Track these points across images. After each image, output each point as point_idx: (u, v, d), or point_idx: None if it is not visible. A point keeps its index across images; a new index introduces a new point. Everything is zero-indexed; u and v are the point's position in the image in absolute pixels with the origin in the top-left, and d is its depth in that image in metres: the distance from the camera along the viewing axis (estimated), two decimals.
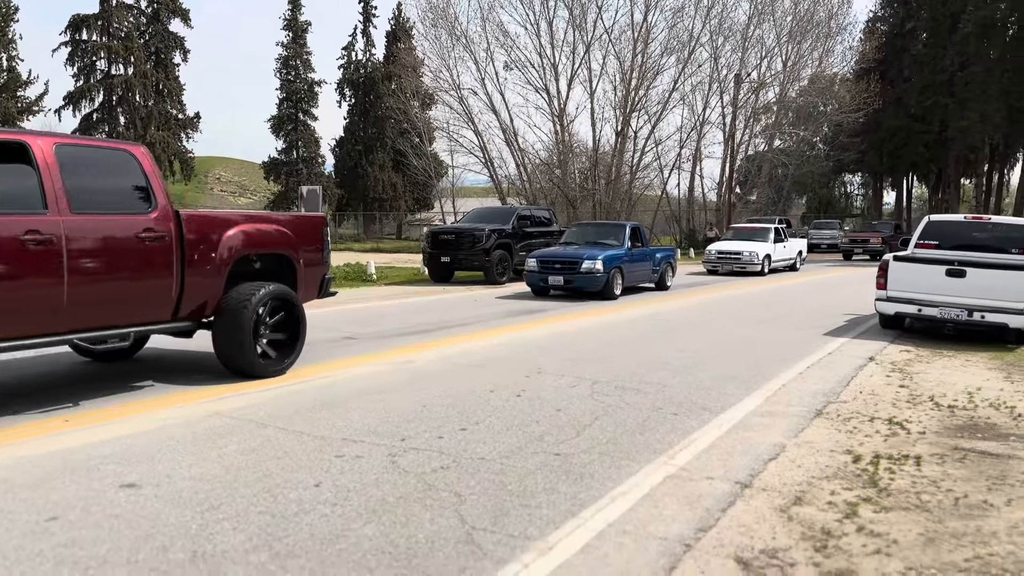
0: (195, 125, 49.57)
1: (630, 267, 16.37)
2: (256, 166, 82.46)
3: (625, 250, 16.35)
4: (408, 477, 4.70)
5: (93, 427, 5.71)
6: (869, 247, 34.14)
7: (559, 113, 39.62)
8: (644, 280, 17.45)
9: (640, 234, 17.52)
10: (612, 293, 15.50)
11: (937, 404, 6.88)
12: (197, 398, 6.70)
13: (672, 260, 18.51)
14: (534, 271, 15.93)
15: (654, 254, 17.90)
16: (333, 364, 8.35)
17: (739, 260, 22.97)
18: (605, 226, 18.44)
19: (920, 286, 10.45)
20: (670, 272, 18.37)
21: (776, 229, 24.81)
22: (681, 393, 7.07)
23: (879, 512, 4.30)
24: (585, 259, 15.28)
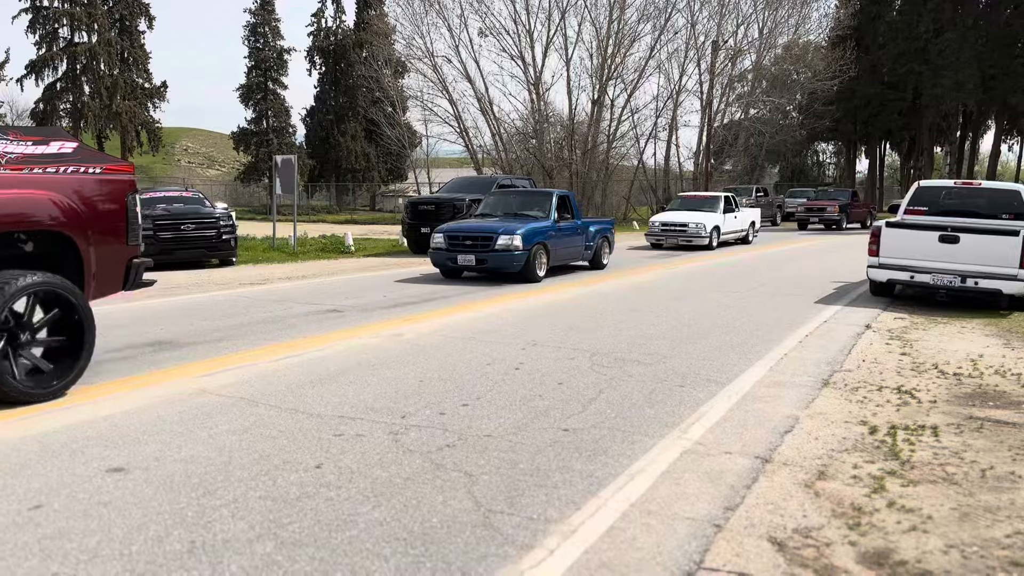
0: (162, 95, 48.31)
1: (557, 243, 13.83)
2: (225, 137, 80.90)
3: (551, 223, 13.76)
4: (413, 456, 4.46)
5: (72, 407, 5.39)
6: (826, 216, 32.34)
7: (535, 81, 39.07)
8: (575, 258, 14.94)
9: (570, 204, 14.92)
10: (534, 274, 13.04)
11: (942, 372, 6.77)
12: (180, 375, 6.39)
13: (609, 234, 16.14)
14: (440, 248, 13.30)
15: (587, 228, 15.23)
16: (321, 338, 8.05)
17: (684, 233, 20.89)
18: (528, 195, 15.68)
19: (913, 252, 10.35)
20: (607, 248, 15.99)
21: (726, 198, 22.76)
22: (683, 364, 6.88)
23: (907, 486, 4.14)
24: (500, 234, 12.70)
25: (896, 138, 51.38)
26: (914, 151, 51.43)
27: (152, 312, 9.90)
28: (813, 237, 27.76)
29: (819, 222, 32.14)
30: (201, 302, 10.91)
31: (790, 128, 46.58)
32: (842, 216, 31.61)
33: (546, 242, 13.41)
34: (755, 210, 25.82)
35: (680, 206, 23.00)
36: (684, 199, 23.80)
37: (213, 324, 8.89)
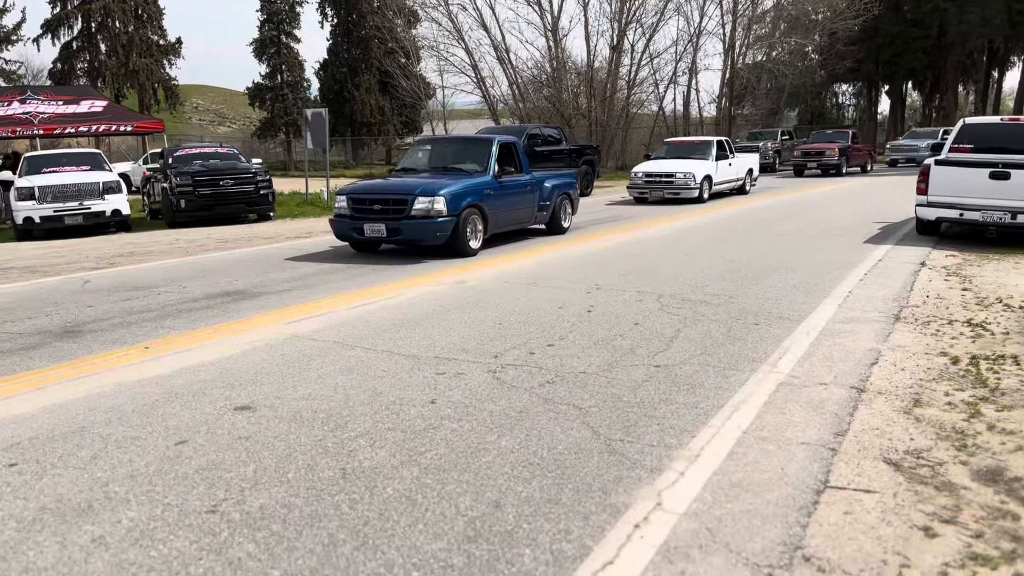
0: (177, 51, 47.98)
1: (499, 204, 11.00)
2: (235, 93, 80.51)
3: (489, 179, 10.91)
4: (519, 392, 4.64)
5: (176, 354, 5.61)
6: (824, 161, 29.07)
7: (552, 28, 38.58)
8: (525, 221, 12.10)
9: (516, 155, 11.89)
10: (465, 246, 10.20)
11: (1007, 306, 6.87)
12: (266, 322, 6.60)
13: (571, 190, 13.19)
14: (344, 216, 10.41)
15: (541, 184, 12.26)
16: (387, 287, 8.23)
17: (671, 184, 18.40)
18: (461, 145, 12.69)
19: (962, 190, 10.36)
20: (568, 207, 13.06)
21: (719, 143, 20.14)
22: (753, 304, 7.01)
23: (1002, 411, 4.29)
24: (418, 195, 9.85)
25: (919, 77, 50.46)
26: (937, 90, 50.58)
27: (214, 265, 10.12)
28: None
29: (817, 168, 29.31)
30: (257, 255, 11.11)
31: (810, 70, 45.86)
32: (842, 160, 28.92)
33: (482, 204, 10.53)
34: (752, 156, 23.20)
35: (667, 153, 20.42)
36: (672, 146, 21.21)
37: (280, 275, 9.09)
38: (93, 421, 4.23)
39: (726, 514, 3.10)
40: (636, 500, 3.22)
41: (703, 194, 18.50)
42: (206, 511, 3.17)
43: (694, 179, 18.23)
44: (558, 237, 12.30)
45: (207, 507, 3.21)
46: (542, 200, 12.26)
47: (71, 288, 8.77)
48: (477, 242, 10.53)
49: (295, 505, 3.21)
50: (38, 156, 16.74)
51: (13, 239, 14.73)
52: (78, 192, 14.72)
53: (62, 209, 14.49)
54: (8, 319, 7.09)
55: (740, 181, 20.88)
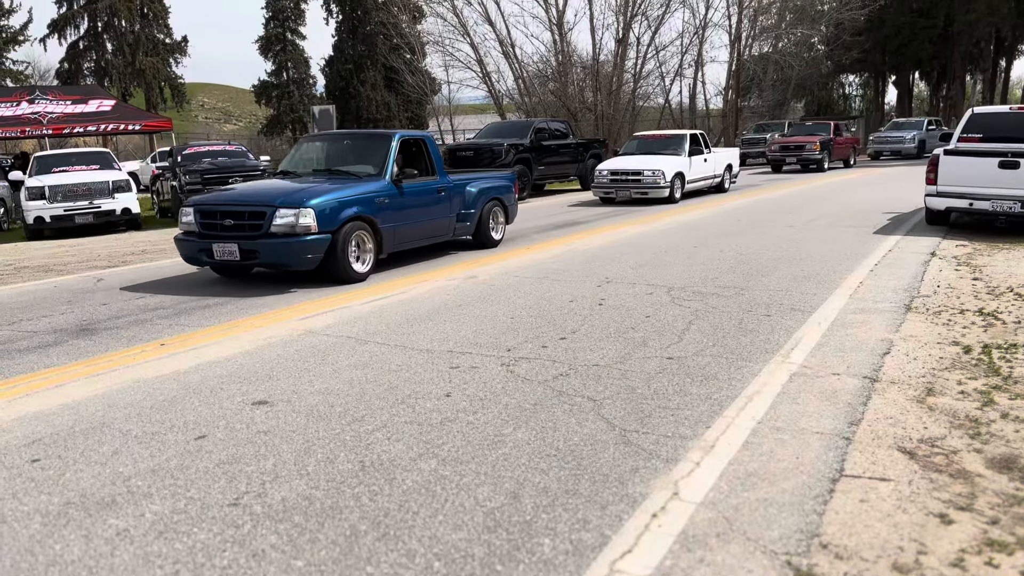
0: (183, 50, 48.12)
1: (399, 216, 8.96)
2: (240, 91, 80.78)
3: (385, 184, 8.86)
4: (533, 385, 4.67)
5: (192, 350, 5.66)
6: (804, 156, 26.75)
7: (557, 21, 38.48)
8: (440, 234, 9.95)
9: (427, 154, 9.91)
10: (347, 269, 8.22)
11: (1019, 295, 6.87)
12: (279, 319, 6.65)
13: (504, 195, 11.14)
14: (191, 233, 8.36)
15: (461, 189, 10.22)
16: (398, 282, 8.29)
17: (639, 183, 16.74)
18: (352, 141, 10.39)
19: (971, 179, 10.34)
20: (500, 215, 11.08)
21: (693, 136, 18.50)
22: (764, 295, 7.03)
23: (1014, 399, 4.30)
24: (278, 206, 7.87)
25: (926, 67, 50.21)
26: (944, 80, 50.33)
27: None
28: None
29: (796, 163, 27.09)
30: None
31: (816, 61, 45.67)
32: (824, 155, 26.58)
33: (373, 216, 8.53)
34: (731, 151, 21.73)
35: (636, 149, 18.77)
36: (641, 140, 19.46)
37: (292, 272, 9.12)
38: (113, 417, 4.28)
39: (743, 503, 3.13)
40: (653, 490, 3.25)
41: (674, 193, 16.89)
42: (228, 504, 3.21)
43: (663, 177, 16.58)
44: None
45: (229, 500, 3.25)
46: (464, 208, 10.23)
47: (85, 287, 8.84)
48: (365, 265, 8.48)
49: (316, 497, 3.25)
50: (48, 156, 16.84)
51: (24, 238, 14.83)
52: (88, 191, 14.80)
53: (72, 208, 14.59)
54: (25, 317, 7.16)
55: (717, 178, 19.33)
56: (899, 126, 35.32)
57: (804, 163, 26.86)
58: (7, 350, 5.91)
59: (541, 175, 19.84)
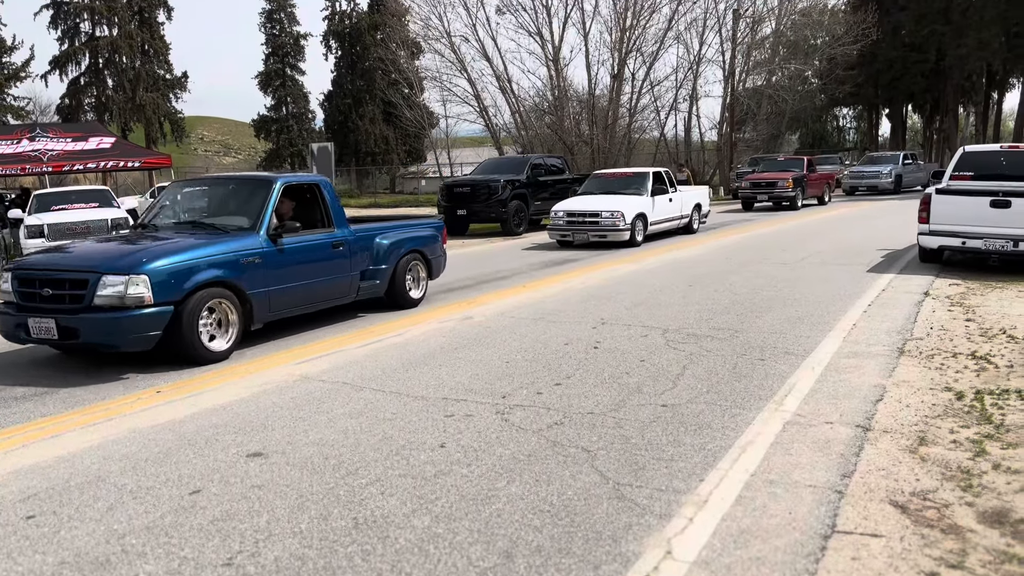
0: (183, 85, 48.61)
1: (277, 277, 7.47)
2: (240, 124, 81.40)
3: (259, 240, 7.39)
4: (527, 435, 4.69)
5: (188, 397, 5.68)
6: (776, 193, 25.24)
7: (553, 57, 38.96)
8: (337, 296, 8.44)
9: (322, 200, 8.38)
10: (196, 347, 6.68)
11: (1011, 337, 6.91)
12: (275, 363, 6.67)
13: (427, 248, 9.71)
14: (10, 304, 6.88)
15: (369, 241, 8.82)
16: (394, 324, 8.32)
17: (597, 225, 15.41)
18: (225, 188, 8.76)
19: (963, 218, 10.43)
20: (420, 271, 9.62)
21: (657, 175, 17.17)
22: (758, 338, 7.07)
23: (1007, 449, 4.33)
24: (104, 273, 6.44)
25: (919, 100, 50.76)
26: (937, 113, 50.84)
27: None
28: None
29: (768, 200, 25.68)
30: None
31: (810, 94, 46.16)
32: (797, 192, 25.18)
33: (237, 280, 7.03)
34: (700, 189, 20.47)
35: (596, 188, 17.38)
36: (601, 179, 18.08)
37: None
38: (108, 470, 4.29)
39: (735, 562, 3.14)
40: (646, 548, 3.26)
41: (635, 236, 15.60)
42: (222, 564, 3.22)
43: (623, 219, 15.28)
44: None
45: (223, 560, 3.25)
46: (372, 264, 8.81)
47: None
48: (226, 340, 6.94)
49: (309, 557, 3.26)
50: (48, 194, 16.96)
51: None
52: (87, 229, 14.87)
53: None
54: (22, 361, 7.16)
55: (685, 219, 18.10)
56: (874, 160, 34.18)
57: (776, 201, 25.60)
58: (3, 398, 5.92)
59: (538, 210, 19.96)
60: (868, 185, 32.01)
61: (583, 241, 15.87)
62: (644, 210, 16.01)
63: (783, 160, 29.30)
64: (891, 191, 31.20)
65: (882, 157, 34.52)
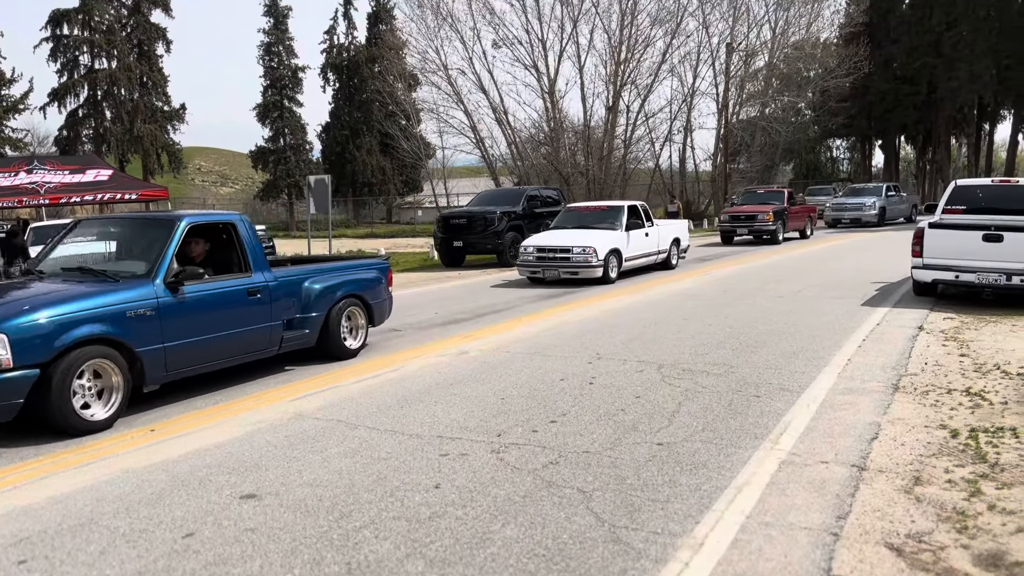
0: (181, 116, 48.88)
1: (176, 330, 6.54)
2: (237, 155, 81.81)
3: (153, 288, 6.46)
4: (522, 475, 4.68)
5: (182, 436, 5.66)
6: (757, 227, 24.51)
7: (549, 90, 39.36)
8: (253, 349, 7.42)
9: (238, 242, 7.44)
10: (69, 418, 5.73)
11: (1006, 373, 6.93)
12: (270, 399, 6.65)
13: (368, 292, 8.86)
14: None
15: (297, 287, 7.95)
16: (391, 358, 8.32)
17: (568, 261, 14.70)
18: (130, 227, 7.93)
19: (956, 252, 10.50)
20: (358, 317, 8.74)
21: (632, 208, 16.42)
22: (753, 374, 7.07)
23: (1002, 488, 4.33)
24: None
25: (911, 131, 51.33)
26: (930, 144, 51.35)
27: None
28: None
29: (748, 234, 24.92)
30: None
31: (803, 126, 46.62)
32: (778, 225, 24.44)
33: (121, 337, 6.11)
34: (679, 223, 19.33)
35: (568, 222, 16.71)
36: (575, 212, 17.34)
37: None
38: (101, 512, 4.26)
39: None
40: None
41: (608, 273, 14.79)
42: None
43: (595, 254, 14.53)
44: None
45: None
46: (301, 311, 7.92)
47: None
48: (108, 406, 5.99)
49: None
50: (45, 227, 16.96)
51: None
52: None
53: None
54: None
55: (662, 254, 17.25)
56: (857, 192, 33.26)
57: (757, 234, 24.77)
58: None
59: None
60: (851, 218, 31.19)
61: (554, 277, 15.03)
62: (618, 245, 15.33)
63: (763, 192, 28.24)
64: (875, 224, 30.61)
65: (865, 189, 33.67)
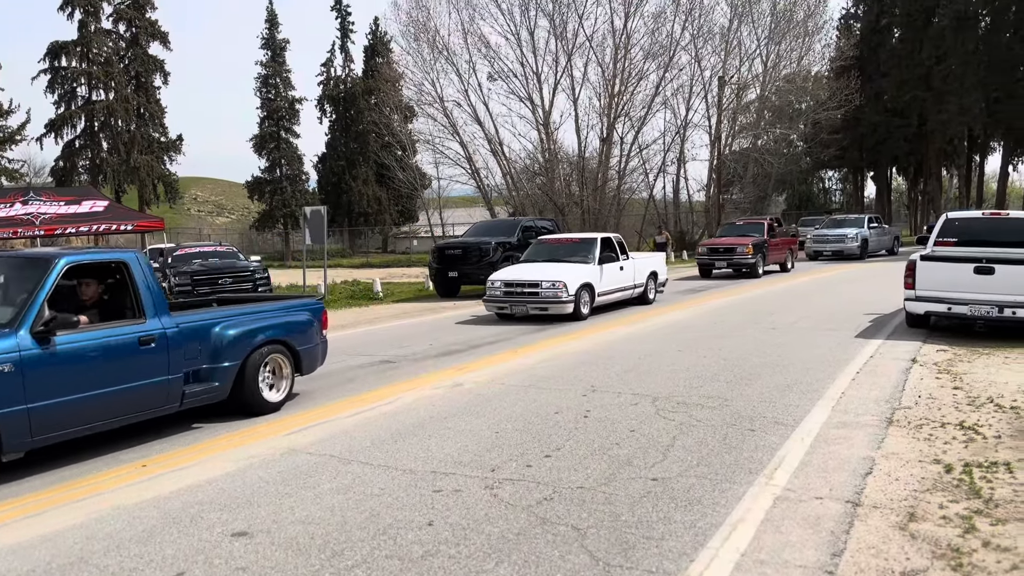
0: (178, 148, 49.09)
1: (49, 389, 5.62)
2: (233, 185, 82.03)
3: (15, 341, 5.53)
4: (516, 511, 4.66)
5: (174, 472, 5.62)
6: (735, 260, 23.23)
7: (544, 121, 39.71)
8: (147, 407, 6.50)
9: (132, 283, 6.56)
10: None
11: (999, 406, 6.94)
12: (264, 434, 6.62)
13: (294, 337, 7.78)
14: None
15: (205, 333, 7.00)
16: (385, 391, 8.29)
17: (537, 296, 13.90)
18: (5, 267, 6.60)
19: (948, 284, 10.55)
20: (282, 367, 7.68)
21: (605, 241, 15.62)
22: (747, 407, 7.07)
23: (996, 525, 4.32)
24: None
25: (903, 163, 51.80)
26: (921, 175, 51.81)
27: None
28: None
29: (728, 267, 23.70)
30: None
31: (795, 158, 47.04)
32: (757, 258, 23.12)
33: None
34: (656, 256, 18.62)
35: (538, 255, 15.88)
36: (545, 245, 16.50)
37: None
38: (91, 551, 4.22)
39: None
40: None
41: (580, 309, 13.99)
42: None
43: (565, 289, 13.72)
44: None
45: None
46: (210, 361, 6.95)
47: None
48: None
49: None
50: None
51: None
52: None
53: None
54: None
55: (639, 288, 16.37)
56: (839, 223, 31.82)
57: (736, 267, 23.53)
58: None
59: None
60: (833, 250, 29.81)
61: (522, 314, 14.21)
62: (591, 280, 14.50)
63: (742, 224, 27.11)
64: (857, 256, 29.30)
65: (847, 220, 32.30)
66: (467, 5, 37.94)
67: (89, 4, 45.33)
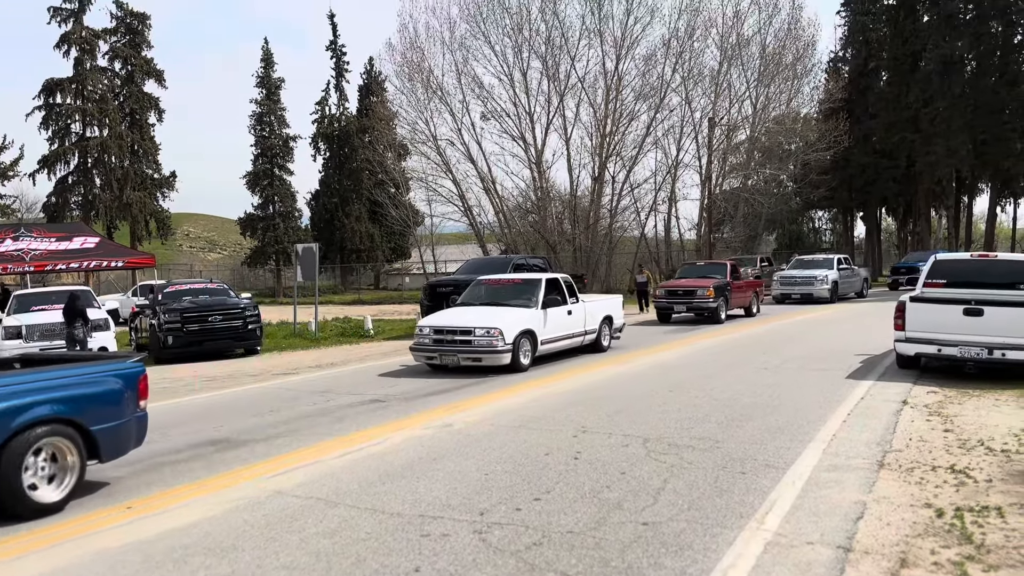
0: (171, 184, 49.25)
1: None
2: (225, 221, 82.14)
3: None
4: (505, 557, 4.60)
5: (158, 514, 5.55)
6: (696, 303, 21.34)
7: (536, 160, 40.05)
8: None
9: None
10: None
11: (989, 449, 6.92)
12: (250, 476, 6.55)
13: (91, 412, 6.04)
14: None
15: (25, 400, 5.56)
16: (374, 431, 8.23)
17: (469, 345, 12.36)
18: None
19: (938, 326, 10.59)
20: (67, 456, 5.85)
21: (551, 282, 14.11)
22: (739, 449, 7.04)
23: (988, 571, 4.29)
24: None
25: (892, 204, 52.28)
26: (910, 216, 52.26)
27: (201, 408, 10.11)
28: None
29: (688, 311, 21.69)
30: (245, 396, 11.10)
31: (785, 198, 47.47)
32: (719, 302, 21.31)
33: None
34: (611, 299, 16.75)
35: (476, 297, 14.36)
36: (485, 286, 14.77)
37: (265, 420, 9.07)
38: None
39: None
40: None
41: (519, 359, 12.51)
42: None
43: (502, 337, 12.21)
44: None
45: None
46: None
47: None
48: None
49: None
50: (27, 295, 16.93)
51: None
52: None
53: (49, 348, 14.51)
54: None
55: (590, 335, 14.81)
56: (806, 264, 29.59)
57: (696, 312, 21.59)
58: None
59: None
60: (802, 292, 27.52)
61: (453, 364, 12.56)
62: (532, 326, 12.95)
63: (703, 265, 25.46)
64: (827, 299, 27.11)
65: (815, 261, 30.14)
66: (460, 47, 38.55)
67: (85, 42, 45.77)
